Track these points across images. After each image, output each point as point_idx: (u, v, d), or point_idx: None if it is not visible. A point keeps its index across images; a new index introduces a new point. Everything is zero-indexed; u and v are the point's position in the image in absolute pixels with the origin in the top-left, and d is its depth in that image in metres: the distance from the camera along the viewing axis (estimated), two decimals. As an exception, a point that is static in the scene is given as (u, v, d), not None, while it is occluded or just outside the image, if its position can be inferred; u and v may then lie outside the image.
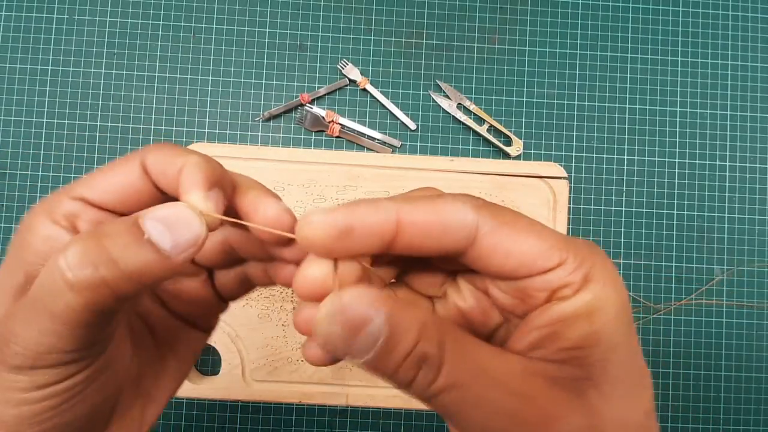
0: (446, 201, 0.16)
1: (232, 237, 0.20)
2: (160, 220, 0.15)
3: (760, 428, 0.51)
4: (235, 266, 0.22)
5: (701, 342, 0.52)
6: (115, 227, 0.15)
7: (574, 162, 0.53)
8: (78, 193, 0.17)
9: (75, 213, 0.17)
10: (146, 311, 0.21)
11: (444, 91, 0.53)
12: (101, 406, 0.18)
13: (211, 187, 0.16)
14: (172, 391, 0.22)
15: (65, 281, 0.14)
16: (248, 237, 0.20)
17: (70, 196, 0.17)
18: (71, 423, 0.16)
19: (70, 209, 0.17)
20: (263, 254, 0.20)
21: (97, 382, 0.17)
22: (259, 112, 0.52)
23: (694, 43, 0.54)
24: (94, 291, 0.14)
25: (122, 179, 0.17)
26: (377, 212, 0.15)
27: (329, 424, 0.50)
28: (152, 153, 0.17)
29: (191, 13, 0.53)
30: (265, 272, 0.21)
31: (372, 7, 0.53)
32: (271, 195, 0.18)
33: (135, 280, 0.15)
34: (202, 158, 0.17)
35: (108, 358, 0.17)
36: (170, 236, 0.15)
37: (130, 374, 0.20)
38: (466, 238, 0.16)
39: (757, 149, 0.54)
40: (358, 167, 0.49)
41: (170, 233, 0.15)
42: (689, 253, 0.53)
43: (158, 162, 0.17)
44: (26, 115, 0.51)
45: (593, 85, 0.54)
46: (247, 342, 0.47)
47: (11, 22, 0.52)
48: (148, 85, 0.52)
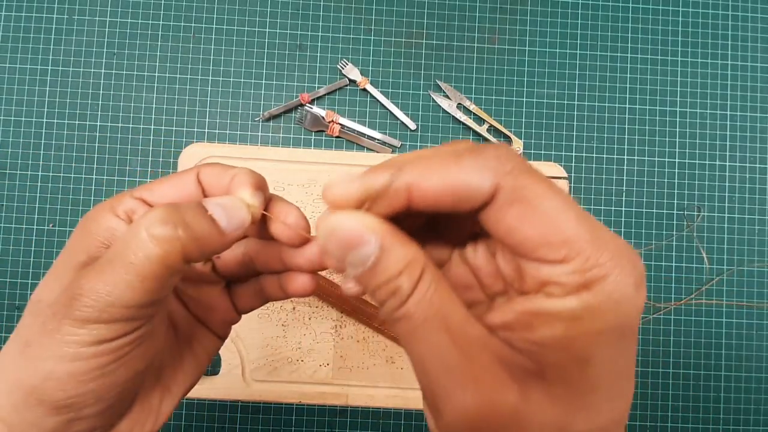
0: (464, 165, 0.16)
1: (251, 249, 0.23)
2: (219, 204, 0.19)
3: (760, 428, 0.51)
4: (251, 279, 0.25)
5: (701, 342, 0.52)
6: (186, 205, 0.19)
7: (574, 162, 0.53)
8: (139, 194, 0.21)
9: (134, 209, 0.21)
10: (172, 309, 0.24)
11: (444, 91, 0.53)
12: (136, 378, 0.19)
13: (257, 189, 0.21)
14: (187, 388, 0.24)
15: (150, 234, 0.17)
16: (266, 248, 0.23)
17: (132, 196, 0.21)
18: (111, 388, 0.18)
19: (130, 206, 0.21)
20: (278, 266, 0.23)
21: (140, 349, 0.19)
22: (259, 112, 0.52)
23: (694, 43, 0.54)
24: (171, 244, 0.17)
25: (180, 187, 0.21)
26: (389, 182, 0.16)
27: (329, 424, 0.50)
28: (207, 168, 0.22)
29: (191, 13, 0.53)
30: (279, 285, 0.24)
31: (372, 7, 0.53)
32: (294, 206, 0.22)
33: (200, 245, 0.18)
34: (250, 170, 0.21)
35: (151, 330, 0.19)
36: (226, 217, 0.19)
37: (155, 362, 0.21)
38: (481, 203, 0.16)
39: (757, 149, 0.54)
40: (358, 167, 0.49)
41: (226, 215, 0.19)
42: (689, 253, 0.53)
43: (213, 174, 0.21)
44: (26, 115, 0.51)
45: (593, 85, 0.54)
46: (247, 342, 0.47)
47: (11, 22, 0.52)
48: (148, 85, 0.52)
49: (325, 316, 0.48)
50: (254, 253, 0.23)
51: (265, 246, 0.23)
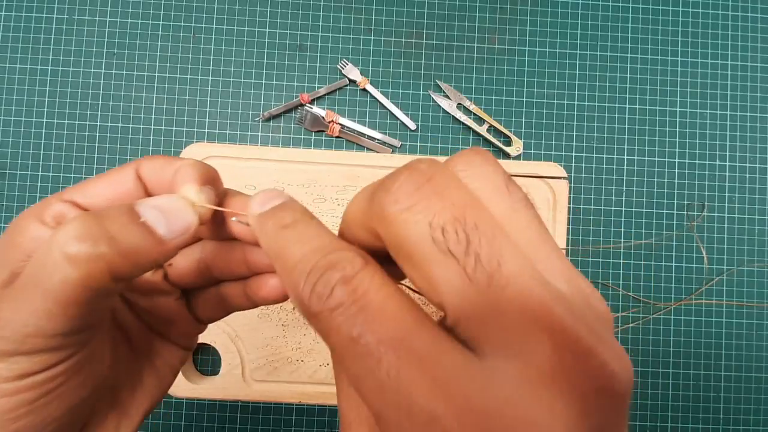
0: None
1: (208, 255, 0.21)
2: (155, 207, 0.16)
3: (760, 428, 0.51)
4: (209, 287, 0.22)
5: (701, 342, 0.52)
6: (112, 210, 0.16)
7: (574, 162, 0.53)
8: (69, 196, 0.18)
9: (64, 214, 0.18)
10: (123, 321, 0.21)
11: (444, 91, 0.53)
12: (76, 409, 0.17)
13: (204, 184, 0.18)
14: (148, 408, 0.21)
15: (64, 254, 0.14)
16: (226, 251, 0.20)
17: (61, 198, 0.18)
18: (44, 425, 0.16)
19: (59, 210, 0.18)
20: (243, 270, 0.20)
21: (76, 378, 0.16)
22: (259, 112, 0.52)
23: (694, 43, 0.54)
24: (92, 265, 0.14)
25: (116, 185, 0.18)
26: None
27: (329, 424, 0.50)
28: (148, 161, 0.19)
29: (191, 13, 0.53)
30: (243, 293, 0.21)
31: (372, 7, 0.53)
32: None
33: (130, 260, 0.15)
34: (197, 161, 0.18)
35: (89, 354, 0.17)
36: (165, 222, 0.16)
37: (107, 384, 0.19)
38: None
39: (757, 149, 0.54)
40: (358, 167, 0.49)
41: (165, 219, 0.16)
42: (689, 253, 0.53)
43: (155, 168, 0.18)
44: (26, 115, 0.51)
45: (593, 85, 0.54)
46: (247, 342, 0.47)
47: (11, 22, 0.52)
48: (148, 85, 0.52)
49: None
50: (211, 258, 0.21)
51: (225, 249, 0.20)
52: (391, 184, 0.13)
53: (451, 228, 0.12)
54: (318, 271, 0.13)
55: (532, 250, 0.13)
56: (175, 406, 0.50)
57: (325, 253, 0.13)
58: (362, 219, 0.15)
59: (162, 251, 0.16)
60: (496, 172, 0.14)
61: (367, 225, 0.14)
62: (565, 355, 0.11)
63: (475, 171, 0.14)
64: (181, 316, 0.22)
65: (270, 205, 0.16)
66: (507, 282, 0.12)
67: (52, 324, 0.15)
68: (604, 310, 0.13)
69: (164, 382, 0.22)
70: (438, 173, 0.13)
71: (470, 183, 0.14)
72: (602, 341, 0.12)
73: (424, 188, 0.13)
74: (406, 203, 0.13)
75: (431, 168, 0.13)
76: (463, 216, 0.12)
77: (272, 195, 0.17)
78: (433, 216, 0.12)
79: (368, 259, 0.14)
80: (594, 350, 0.11)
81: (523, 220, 0.13)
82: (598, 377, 0.11)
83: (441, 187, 0.13)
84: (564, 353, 0.11)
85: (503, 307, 0.12)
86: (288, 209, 0.16)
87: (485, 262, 0.12)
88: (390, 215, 0.13)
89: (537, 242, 0.13)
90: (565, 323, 0.11)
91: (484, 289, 0.12)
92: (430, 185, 0.13)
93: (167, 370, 0.22)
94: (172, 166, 0.18)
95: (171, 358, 0.22)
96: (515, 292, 0.12)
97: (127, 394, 0.20)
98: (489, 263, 0.12)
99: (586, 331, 0.12)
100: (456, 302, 0.12)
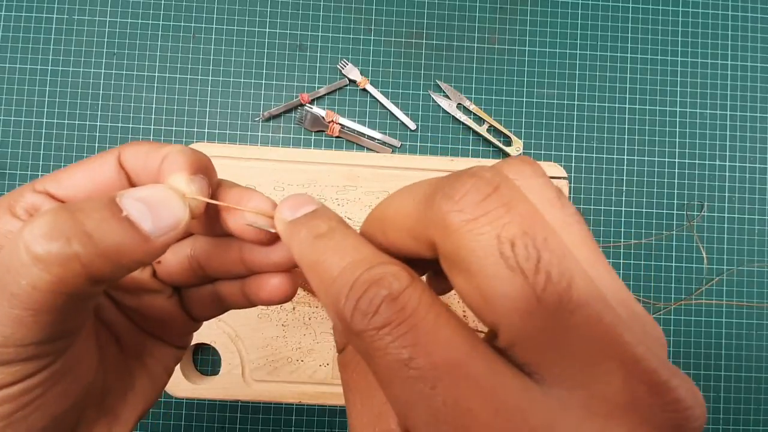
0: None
1: (200, 253, 0.19)
2: (140, 199, 0.14)
3: (760, 428, 0.51)
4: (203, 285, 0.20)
5: (701, 342, 0.52)
6: (89, 202, 0.14)
7: (574, 162, 0.53)
8: (42, 187, 0.16)
9: (37, 206, 0.16)
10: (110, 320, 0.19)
11: (444, 91, 0.53)
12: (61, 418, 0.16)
13: (196, 172, 0.16)
14: (142, 411, 0.20)
15: (31, 255, 0.12)
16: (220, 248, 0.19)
17: (34, 189, 0.16)
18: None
19: (32, 202, 0.16)
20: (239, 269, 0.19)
21: (57, 387, 0.15)
22: (259, 112, 0.52)
23: (694, 43, 0.54)
24: (64, 267, 0.13)
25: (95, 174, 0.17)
26: None
27: (329, 424, 0.50)
28: (130, 147, 0.17)
29: (191, 13, 0.53)
30: (240, 292, 0.19)
31: (372, 7, 0.53)
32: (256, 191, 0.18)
33: (111, 260, 0.13)
34: (186, 147, 0.16)
35: (72, 361, 0.15)
36: (151, 217, 0.14)
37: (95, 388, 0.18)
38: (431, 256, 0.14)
39: (757, 149, 0.54)
40: (358, 167, 0.49)
41: (151, 214, 0.14)
42: (689, 253, 0.53)
43: (138, 155, 0.17)
44: (26, 115, 0.51)
45: (593, 85, 0.54)
46: (247, 342, 0.47)
47: (11, 22, 0.52)
48: (148, 85, 0.52)
49: (325, 316, 0.48)
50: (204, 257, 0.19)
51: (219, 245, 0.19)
52: (455, 192, 0.12)
53: (521, 242, 0.11)
54: (361, 286, 0.12)
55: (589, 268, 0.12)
56: (175, 406, 0.50)
57: (368, 267, 0.12)
58: (412, 225, 0.13)
59: (147, 250, 0.14)
60: (547, 185, 0.13)
61: (419, 232, 0.13)
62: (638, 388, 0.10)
63: (527, 183, 0.13)
64: (174, 315, 0.20)
65: (302, 211, 0.15)
66: (576, 305, 0.11)
67: (23, 332, 0.13)
68: (659, 335, 0.12)
69: (158, 382, 0.21)
70: (504, 183, 0.12)
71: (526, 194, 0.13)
72: (676, 374, 0.11)
73: (492, 198, 0.12)
74: (472, 213, 0.12)
75: (496, 177, 0.12)
76: (533, 230, 0.11)
77: (304, 201, 0.16)
78: (501, 228, 0.11)
79: (414, 274, 0.13)
80: (669, 383, 0.10)
81: (577, 236, 0.12)
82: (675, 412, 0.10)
83: (508, 197, 0.12)
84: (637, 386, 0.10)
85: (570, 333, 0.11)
86: (323, 217, 0.15)
87: (556, 281, 0.11)
88: (453, 224, 0.12)
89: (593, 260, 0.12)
90: (638, 353, 0.10)
91: (552, 311, 0.11)
92: (497, 195, 0.12)
93: (161, 370, 0.21)
94: (159, 153, 0.16)
95: (164, 357, 0.21)
96: (584, 317, 0.11)
97: (117, 397, 0.19)
98: (559, 283, 0.11)
99: (658, 362, 0.11)
100: (516, 323, 0.11)
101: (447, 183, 0.12)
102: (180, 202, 0.15)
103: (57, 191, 0.16)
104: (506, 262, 0.11)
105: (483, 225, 0.11)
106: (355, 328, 0.12)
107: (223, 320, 0.47)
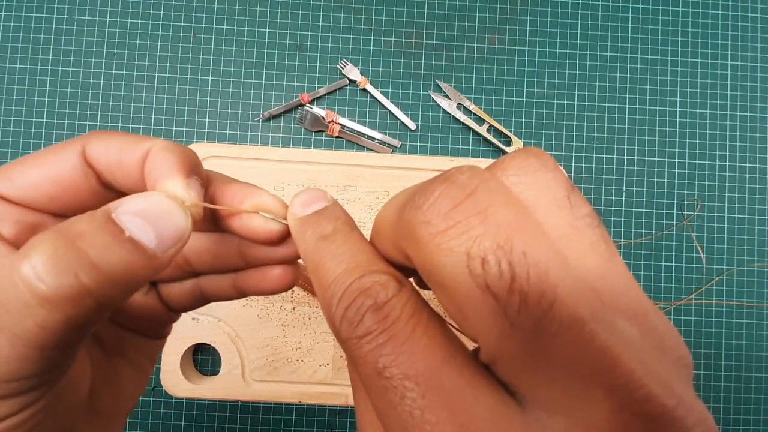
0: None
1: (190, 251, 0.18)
2: (138, 214, 0.13)
3: (760, 428, 0.51)
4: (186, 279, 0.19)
5: (701, 342, 0.52)
6: (85, 225, 0.12)
7: (574, 162, 0.53)
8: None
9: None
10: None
11: (444, 91, 0.53)
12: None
13: (190, 174, 0.14)
14: (133, 404, 0.19)
15: (37, 296, 0.11)
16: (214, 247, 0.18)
17: None
18: None
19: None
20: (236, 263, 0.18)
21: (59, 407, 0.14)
22: (259, 112, 0.52)
23: (694, 43, 0.54)
24: (76, 304, 0.12)
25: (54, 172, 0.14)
26: None
27: (329, 424, 0.50)
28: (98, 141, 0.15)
29: (191, 13, 0.53)
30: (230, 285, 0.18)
31: (372, 7, 0.53)
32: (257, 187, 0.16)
33: (120, 286, 0.13)
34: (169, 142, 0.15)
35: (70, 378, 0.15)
36: (154, 233, 0.13)
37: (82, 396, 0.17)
38: None
39: (757, 149, 0.54)
40: (358, 167, 0.49)
41: (153, 229, 0.13)
42: (689, 253, 0.53)
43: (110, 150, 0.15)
44: (26, 115, 0.51)
45: (593, 85, 0.54)
46: (247, 342, 0.47)
47: (11, 22, 0.52)
48: (148, 85, 0.52)
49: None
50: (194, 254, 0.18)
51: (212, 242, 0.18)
52: (423, 200, 0.11)
53: (493, 258, 0.10)
54: (351, 295, 0.12)
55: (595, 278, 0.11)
56: (175, 406, 0.50)
57: (360, 275, 0.12)
58: (391, 235, 0.13)
59: (155, 267, 0.13)
60: (555, 180, 0.12)
61: (397, 243, 0.12)
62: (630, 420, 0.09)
63: (530, 178, 0.12)
64: (153, 310, 0.19)
65: (313, 208, 0.15)
66: (559, 327, 0.10)
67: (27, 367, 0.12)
68: (682, 353, 0.11)
69: (144, 374, 0.20)
70: (481, 186, 0.11)
71: (523, 193, 0.11)
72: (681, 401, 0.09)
73: (463, 206, 0.10)
74: (439, 225, 0.11)
75: (473, 179, 0.11)
76: (509, 242, 0.10)
77: (316, 196, 0.15)
78: (472, 243, 0.10)
79: (405, 282, 0.12)
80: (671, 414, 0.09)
81: (585, 241, 0.11)
82: None
83: (484, 204, 0.10)
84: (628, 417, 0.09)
85: (553, 355, 0.10)
86: (330, 217, 0.15)
87: (533, 303, 0.10)
88: (422, 238, 0.11)
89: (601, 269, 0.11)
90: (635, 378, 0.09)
91: (529, 334, 0.10)
92: (470, 202, 0.11)
93: (145, 362, 0.20)
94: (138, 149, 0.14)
95: (148, 348, 0.20)
96: (569, 341, 0.09)
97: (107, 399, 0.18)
98: (538, 305, 0.10)
99: (661, 388, 0.09)
100: (493, 344, 0.10)
101: (418, 190, 0.12)
102: (181, 212, 0.14)
103: (10, 192, 0.14)
104: (475, 281, 0.10)
105: (451, 239, 0.10)
106: (341, 335, 0.12)
107: (223, 320, 0.47)
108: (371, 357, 0.11)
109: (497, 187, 0.11)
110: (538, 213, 0.11)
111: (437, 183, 0.11)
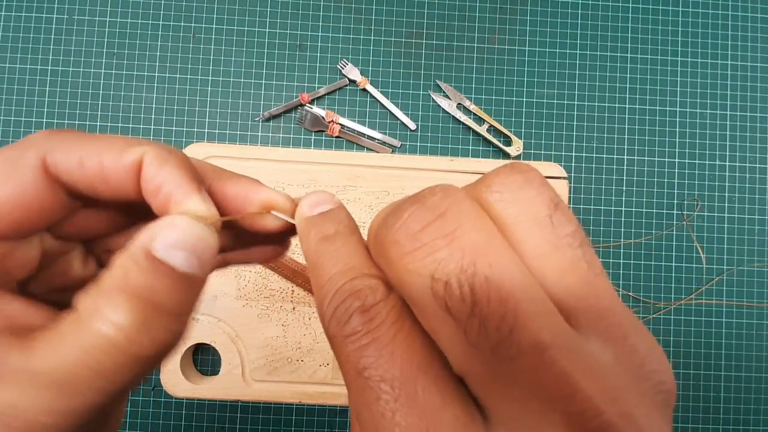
0: None
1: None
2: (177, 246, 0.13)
3: (760, 428, 0.51)
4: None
5: (701, 342, 0.52)
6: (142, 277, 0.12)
7: (574, 162, 0.53)
8: None
9: None
10: None
11: (444, 91, 0.53)
12: None
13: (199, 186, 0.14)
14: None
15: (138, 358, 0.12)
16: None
17: None
18: None
19: None
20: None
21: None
22: (259, 112, 0.52)
23: (694, 43, 0.54)
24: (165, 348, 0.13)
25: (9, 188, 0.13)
26: None
27: (329, 424, 0.50)
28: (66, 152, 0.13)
29: (191, 13, 0.53)
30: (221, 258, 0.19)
31: (372, 7, 0.53)
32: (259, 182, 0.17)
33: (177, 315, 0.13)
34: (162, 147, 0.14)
35: None
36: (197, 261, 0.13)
37: None
38: None
39: (757, 149, 0.54)
40: (358, 167, 0.49)
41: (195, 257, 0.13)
42: (689, 253, 0.53)
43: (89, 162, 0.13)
44: (26, 115, 0.51)
45: (593, 85, 0.54)
46: (247, 342, 0.47)
47: (11, 22, 0.52)
48: (148, 85, 0.52)
49: (325, 316, 0.48)
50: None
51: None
52: (394, 220, 0.11)
53: (456, 282, 0.10)
54: (341, 296, 0.12)
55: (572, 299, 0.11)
56: (175, 406, 0.50)
57: (353, 277, 0.13)
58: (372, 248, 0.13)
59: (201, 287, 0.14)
60: (539, 197, 0.12)
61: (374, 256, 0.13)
62: None
63: (513, 195, 0.12)
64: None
65: (318, 209, 0.16)
66: (518, 352, 0.10)
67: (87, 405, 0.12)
68: (662, 378, 0.11)
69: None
70: (452, 207, 0.11)
71: (504, 210, 0.12)
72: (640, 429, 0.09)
73: (431, 228, 0.11)
74: (407, 246, 0.11)
75: (444, 201, 0.11)
76: (472, 265, 0.10)
77: (323, 199, 0.16)
78: (437, 265, 0.10)
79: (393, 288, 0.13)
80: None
81: (565, 261, 0.11)
82: None
83: (452, 226, 0.11)
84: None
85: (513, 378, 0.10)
86: (333, 219, 0.15)
87: (492, 327, 0.10)
88: (392, 257, 0.11)
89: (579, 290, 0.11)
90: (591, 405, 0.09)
91: (489, 357, 0.10)
92: (439, 224, 0.11)
93: None
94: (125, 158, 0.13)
95: None
96: (529, 365, 0.10)
97: None
98: (497, 329, 0.10)
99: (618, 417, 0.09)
100: (458, 361, 0.11)
101: (392, 208, 0.12)
102: (210, 231, 0.13)
103: None
104: (438, 303, 0.10)
105: (417, 260, 0.11)
106: (329, 332, 0.12)
107: (223, 320, 0.47)
108: (354, 356, 0.12)
109: (468, 209, 0.11)
110: (518, 231, 0.11)
111: (408, 203, 0.12)
